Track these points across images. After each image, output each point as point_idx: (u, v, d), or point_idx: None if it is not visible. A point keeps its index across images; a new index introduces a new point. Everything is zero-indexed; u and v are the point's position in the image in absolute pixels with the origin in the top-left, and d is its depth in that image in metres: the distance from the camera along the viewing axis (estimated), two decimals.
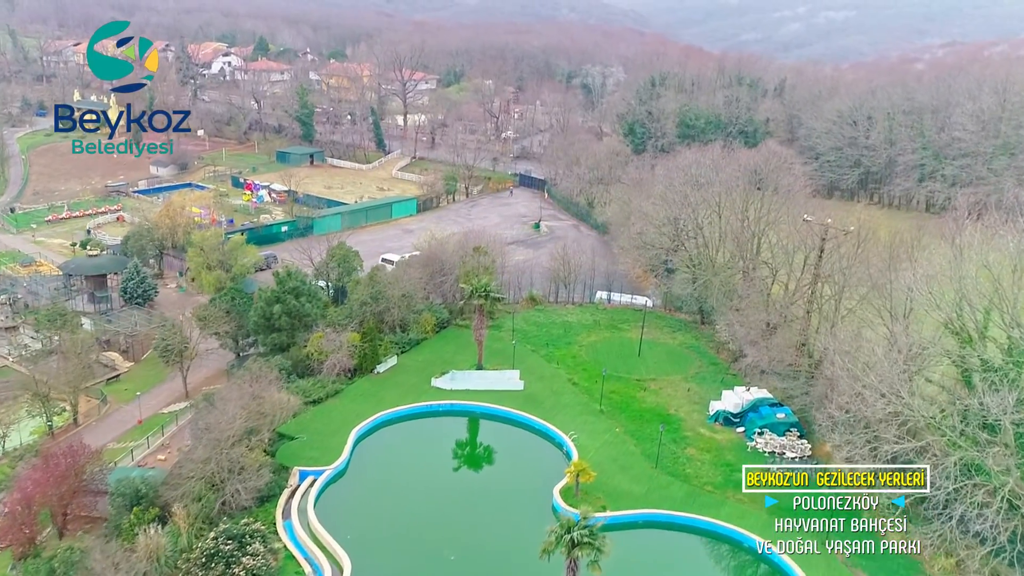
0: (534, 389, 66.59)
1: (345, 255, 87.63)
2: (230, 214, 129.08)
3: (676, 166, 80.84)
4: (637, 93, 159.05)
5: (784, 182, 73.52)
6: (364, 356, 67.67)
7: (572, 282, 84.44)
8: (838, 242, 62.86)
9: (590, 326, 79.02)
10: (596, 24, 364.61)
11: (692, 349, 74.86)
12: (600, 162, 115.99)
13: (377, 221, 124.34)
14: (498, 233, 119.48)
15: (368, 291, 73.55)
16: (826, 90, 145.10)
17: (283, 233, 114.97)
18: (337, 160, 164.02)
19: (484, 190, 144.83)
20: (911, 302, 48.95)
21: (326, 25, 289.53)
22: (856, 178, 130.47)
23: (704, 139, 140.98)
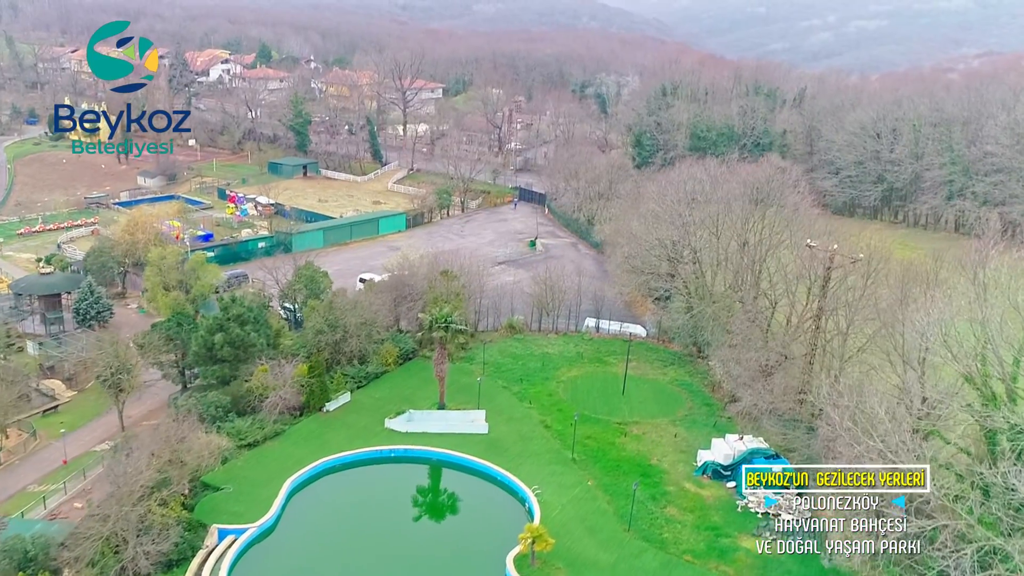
0: (500, 433, 60.07)
1: (312, 276, 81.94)
2: (211, 228, 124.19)
3: (669, 181, 74.26)
4: (647, 102, 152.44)
5: (790, 200, 66.67)
6: (312, 392, 61.61)
7: (556, 309, 77.86)
8: (845, 271, 55.87)
9: (572, 359, 72.39)
10: (616, 32, 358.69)
11: (684, 387, 67.92)
12: (600, 176, 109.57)
13: (363, 237, 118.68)
14: (488, 252, 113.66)
15: (323, 318, 67.57)
16: (848, 100, 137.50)
17: (260, 249, 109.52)
18: (332, 172, 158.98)
19: (483, 204, 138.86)
20: (925, 348, 41.90)
21: (336, 33, 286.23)
22: (879, 195, 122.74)
23: (716, 152, 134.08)
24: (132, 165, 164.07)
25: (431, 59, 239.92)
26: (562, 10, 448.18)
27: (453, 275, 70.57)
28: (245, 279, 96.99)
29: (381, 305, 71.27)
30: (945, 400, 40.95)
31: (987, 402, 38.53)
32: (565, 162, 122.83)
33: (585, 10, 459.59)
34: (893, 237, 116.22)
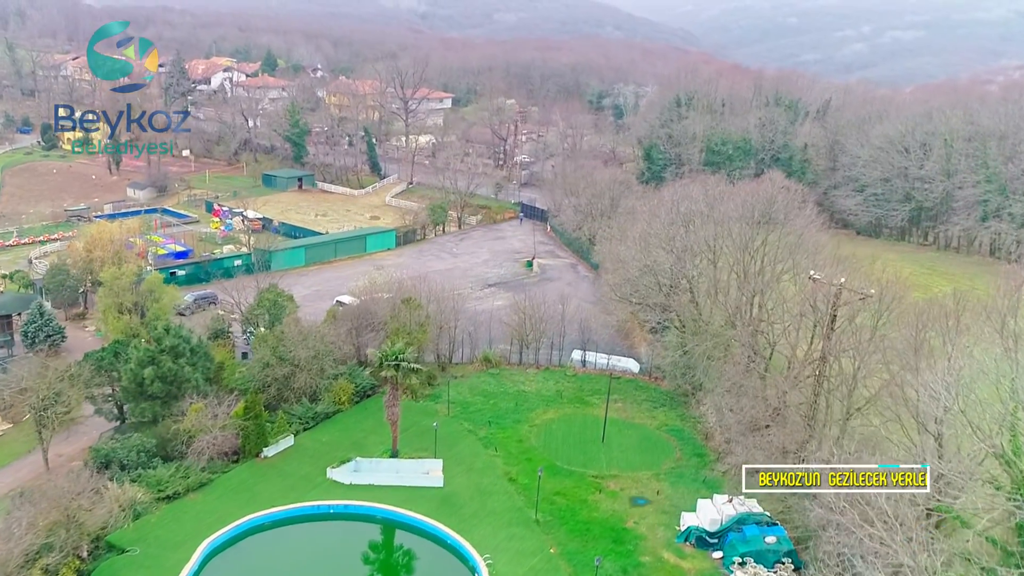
0: (458, 486, 53.48)
1: (275, 300, 76.18)
2: (193, 243, 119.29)
3: (661, 201, 67.54)
4: (660, 113, 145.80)
5: (797, 223, 59.61)
6: (247, 435, 55.50)
7: (537, 340, 71.23)
8: (853, 309, 48.75)
9: (550, 398, 65.65)
10: (639, 42, 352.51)
11: (674, 434, 60.86)
12: (603, 191, 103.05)
13: (348, 255, 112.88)
14: (482, 272, 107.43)
15: (272, 350, 61.59)
16: (875, 112, 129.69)
17: (235, 268, 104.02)
18: (328, 185, 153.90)
19: (484, 220, 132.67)
20: (942, 412, 34.75)
21: (348, 41, 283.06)
22: (906, 215, 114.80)
23: (731, 166, 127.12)
24: (123, 176, 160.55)
25: (442, 68, 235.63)
26: (585, 19, 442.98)
27: (417, 304, 64.24)
28: (213, 301, 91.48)
29: (338, 335, 65.17)
30: (966, 478, 33.74)
31: (1019, 487, 31.34)
32: (567, 176, 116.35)
33: (609, 19, 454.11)
34: (921, 261, 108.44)
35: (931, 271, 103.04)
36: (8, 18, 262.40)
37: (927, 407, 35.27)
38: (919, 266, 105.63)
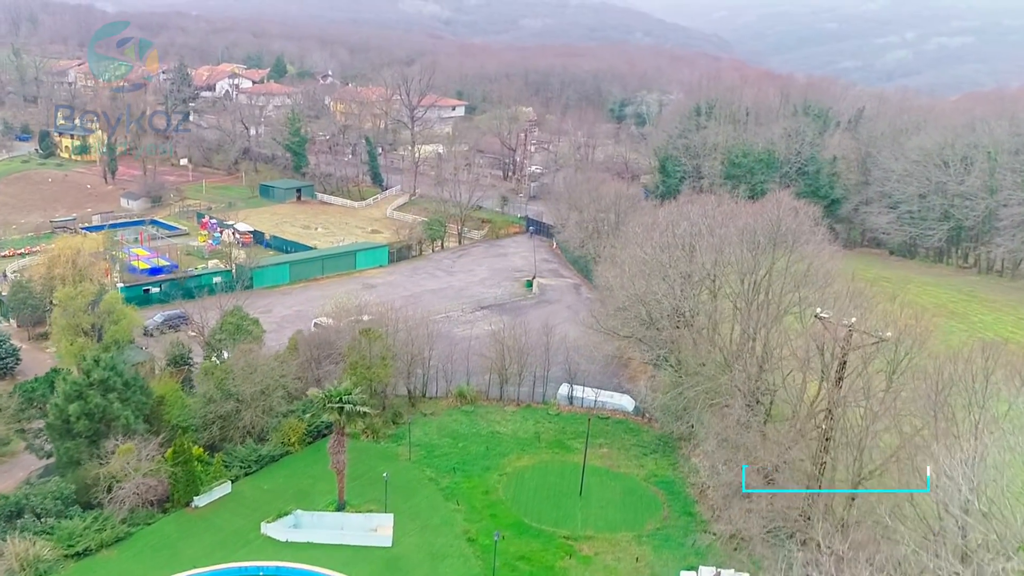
0: (408, 546, 47.85)
1: (238, 324, 71.43)
2: (179, 258, 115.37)
3: (655, 223, 61.43)
4: (680, 123, 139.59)
5: (807, 250, 53.18)
6: (177, 482, 50.37)
7: (518, 374, 65.43)
8: (865, 356, 42.38)
9: (527, 442, 59.77)
10: (671, 48, 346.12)
11: (663, 486, 54.63)
12: (608, 207, 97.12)
13: (337, 272, 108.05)
14: (478, 292, 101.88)
15: (216, 384, 56.54)
16: (912, 122, 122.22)
17: (215, 286, 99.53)
18: (328, 196, 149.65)
19: (488, 235, 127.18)
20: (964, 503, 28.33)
21: (365, 48, 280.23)
22: (944, 234, 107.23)
23: (753, 180, 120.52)
24: (119, 185, 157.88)
25: (458, 75, 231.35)
26: (614, 25, 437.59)
27: (377, 335, 58.78)
28: (183, 321, 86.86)
29: (291, 368, 59.96)
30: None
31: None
32: (573, 190, 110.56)
33: (639, 26, 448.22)
34: (960, 286, 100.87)
35: (971, 297, 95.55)
36: (20, 23, 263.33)
37: (947, 493, 28.90)
38: (957, 292, 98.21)
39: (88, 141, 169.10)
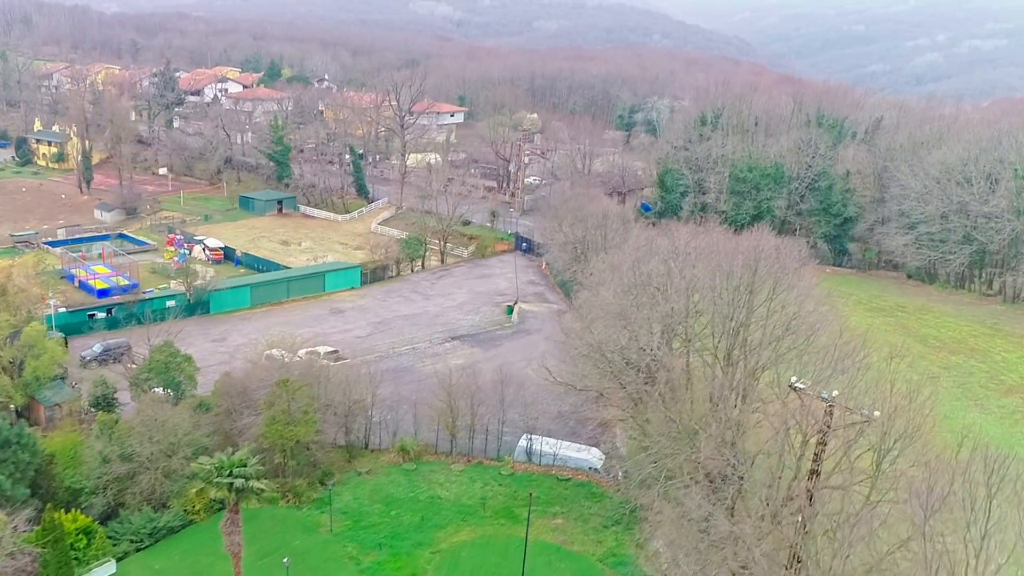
0: None
1: (167, 363, 65.19)
2: (143, 276, 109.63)
3: (623, 259, 54.13)
4: (684, 132, 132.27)
5: (790, 296, 45.74)
6: (47, 565, 43.93)
7: (470, 427, 58.50)
8: (847, 438, 35.12)
9: (470, 510, 52.77)
10: (687, 51, 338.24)
11: (620, 569, 47.46)
12: (594, 227, 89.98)
13: (304, 295, 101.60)
14: (453, 319, 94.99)
15: (107, 443, 50.15)
16: (934, 134, 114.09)
17: (168, 310, 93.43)
18: (312, 209, 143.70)
19: (475, 253, 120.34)
20: None
21: (368, 50, 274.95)
22: (966, 258, 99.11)
23: (758, 197, 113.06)
24: (94, 195, 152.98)
25: (461, 79, 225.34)
26: (631, 27, 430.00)
27: (296, 387, 52.05)
28: (125, 352, 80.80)
29: (208, 420, 53.49)
30: None
31: None
32: (560, 206, 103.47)
33: (657, 28, 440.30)
34: (982, 317, 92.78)
35: (994, 331, 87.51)
36: (12, 24, 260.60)
37: None
38: (979, 324, 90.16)
39: (65, 148, 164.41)
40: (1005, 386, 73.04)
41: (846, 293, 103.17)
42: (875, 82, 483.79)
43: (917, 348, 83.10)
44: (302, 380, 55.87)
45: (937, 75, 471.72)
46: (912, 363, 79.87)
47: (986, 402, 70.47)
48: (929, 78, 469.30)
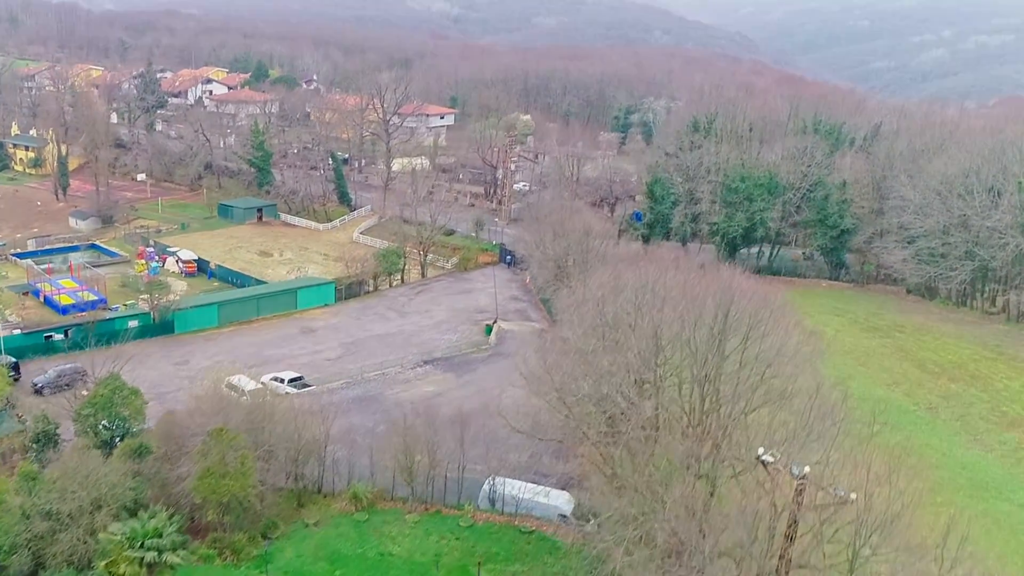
0: None
1: (110, 397, 61.31)
2: (111, 291, 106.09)
3: (587, 296, 50.03)
4: (676, 138, 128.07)
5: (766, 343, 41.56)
6: None
7: (428, 473, 54.54)
8: (819, 520, 31.12)
9: (423, 568, 48.67)
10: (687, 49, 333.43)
11: None
12: (575, 242, 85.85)
13: (275, 314, 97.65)
14: (430, 339, 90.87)
15: (27, 497, 46.33)
16: (934, 141, 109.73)
17: (130, 330, 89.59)
18: (292, 217, 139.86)
19: (458, 266, 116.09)
20: None
21: (361, 48, 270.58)
22: (967, 275, 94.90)
23: (750, 208, 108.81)
24: (71, 202, 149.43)
25: (454, 79, 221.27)
26: (632, 23, 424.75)
27: (233, 436, 48.12)
28: (82, 377, 76.94)
29: (134, 469, 49.63)
30: None
31: None
32: (542, 219, 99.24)
33: (658, 24, 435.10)
34: (985, 338, 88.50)
35: (996, 354, 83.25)
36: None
37: None
38: (981, 346, 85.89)
39: (43, 153, 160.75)
40: (1007, 419, 68.91)
41: (842, 310, 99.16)
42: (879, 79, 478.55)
43: (915, 374, 79.01)
44: (248, 421, 52.11)
45: (943, 72, 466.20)
46: (909, 392, 76.34)
47: (987, 437, 66.34)
48: (935, 75, 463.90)
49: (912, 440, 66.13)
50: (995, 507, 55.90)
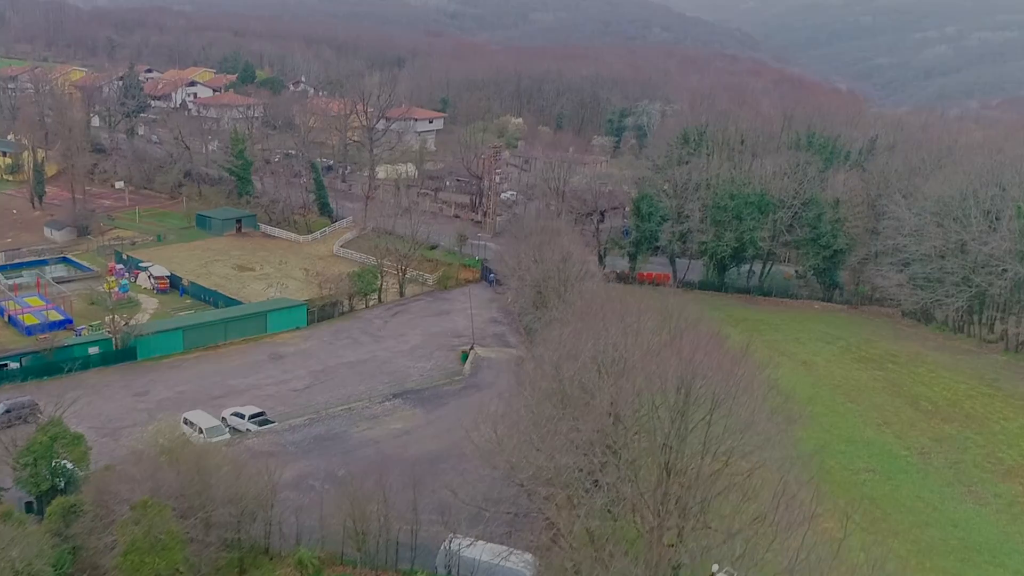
0: None
1: (50, 445, 57.89)
2: (79, 309, 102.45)
3: (545, 352, 46.13)
4: (667, 150, 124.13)
5: (732, 422, 37.70)
6: None
7: (380, 534, 50.88)
8: None
9: None
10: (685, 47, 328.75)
11: None
12: (553, 269, 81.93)
13: (243, 338, 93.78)
14: (402, 366, 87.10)
15: None
16: (932, 158, 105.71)
17: (91, 358, 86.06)
18: (272, 228, 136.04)
19: (438, 284, 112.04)
20: None
21: (354, 47, 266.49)
22: (964, 302, 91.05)
23: (740, 228, 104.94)
24: (47, 211, 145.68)
25: (444, 80, 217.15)
26: (631, 20, 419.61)
27: (159, 509, 44.38)
28: (32, 411, 73.34)
29: (63, 534, 46.07)
30: None
31: None
32: (520, 241, 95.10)
33: (657, 20, 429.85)
34: (982, 369, 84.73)
35: (993, 390, 79.40)
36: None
37: None
38: (978, 380, 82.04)
39: (21, 159, 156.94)
40: (1003, 467, 65.17)
41: (834, 336, 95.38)
42: (882, 76, 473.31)
43: (907, 413, 75.25)
44: (183, 485, 48.47)
45: (946, 68, 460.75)
46: (900, 433, 72.53)
47: (981, 488, 62.62)
48: (937, 72, 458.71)
49: (901, 491, 62.87)
50: (988, 574, 52.28)
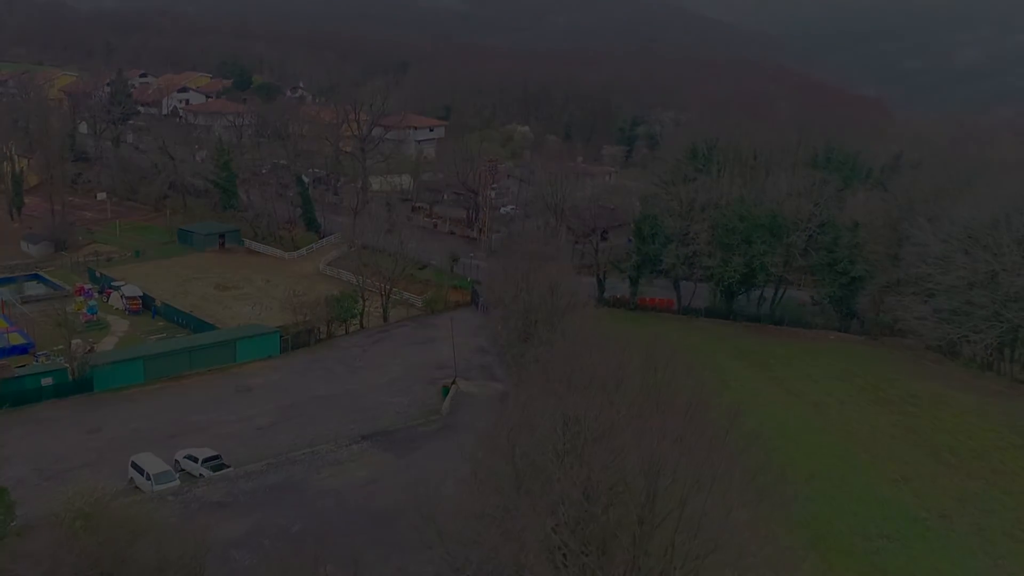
0: None
1: None
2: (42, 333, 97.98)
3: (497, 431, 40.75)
4: (673, 169, 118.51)
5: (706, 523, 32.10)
6: None
7: None
8: None
9: None
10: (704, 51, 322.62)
11: None
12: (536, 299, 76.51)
13: (210, 368, 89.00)
14: (377, 402, 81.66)
15: None
16: (960, 178, 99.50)
17: (44, 390, 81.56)
18: (257, 243, 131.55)
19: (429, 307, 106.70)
20: None
21: (359, 51, 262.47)
22: (993, 339, 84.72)
23: (749, 252, 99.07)
24: (25, 223, 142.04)
25: (449, 86, 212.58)
26: (648, 22, 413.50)
27: None
28: None
29: None
30: None
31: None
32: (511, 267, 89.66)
33: (676, 22, 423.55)
34: (1014, 416, 78.13)
35: None
36: None
37: None
38: (1007, 427, 75.68)
39: (3, 168, 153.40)
40: None
41: (850, 373, 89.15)
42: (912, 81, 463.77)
43: (928, 466, 69.09)
44: (94, 564, 43.48)
45: (979, 74, 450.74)
46: (919, 491, 66.37)
47: (1010, 563, 56.44)
48: (971, 77, 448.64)
49: (918, 564, 56.91)
50: None
